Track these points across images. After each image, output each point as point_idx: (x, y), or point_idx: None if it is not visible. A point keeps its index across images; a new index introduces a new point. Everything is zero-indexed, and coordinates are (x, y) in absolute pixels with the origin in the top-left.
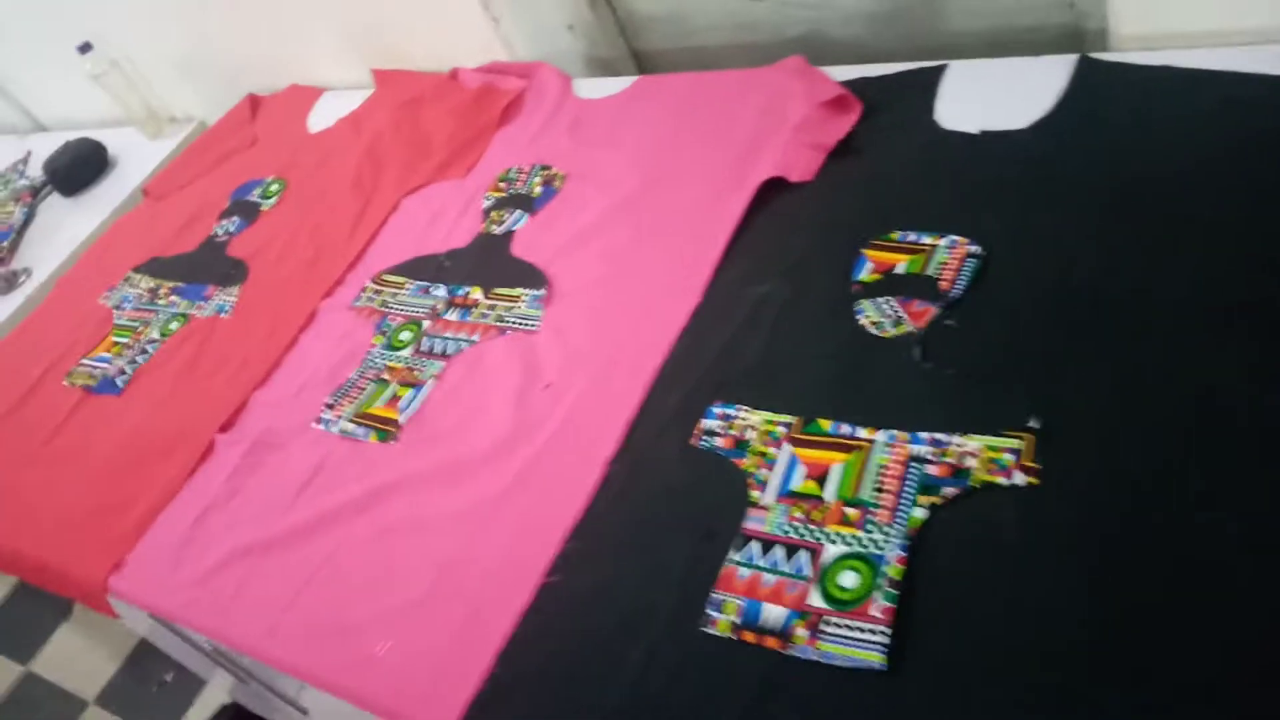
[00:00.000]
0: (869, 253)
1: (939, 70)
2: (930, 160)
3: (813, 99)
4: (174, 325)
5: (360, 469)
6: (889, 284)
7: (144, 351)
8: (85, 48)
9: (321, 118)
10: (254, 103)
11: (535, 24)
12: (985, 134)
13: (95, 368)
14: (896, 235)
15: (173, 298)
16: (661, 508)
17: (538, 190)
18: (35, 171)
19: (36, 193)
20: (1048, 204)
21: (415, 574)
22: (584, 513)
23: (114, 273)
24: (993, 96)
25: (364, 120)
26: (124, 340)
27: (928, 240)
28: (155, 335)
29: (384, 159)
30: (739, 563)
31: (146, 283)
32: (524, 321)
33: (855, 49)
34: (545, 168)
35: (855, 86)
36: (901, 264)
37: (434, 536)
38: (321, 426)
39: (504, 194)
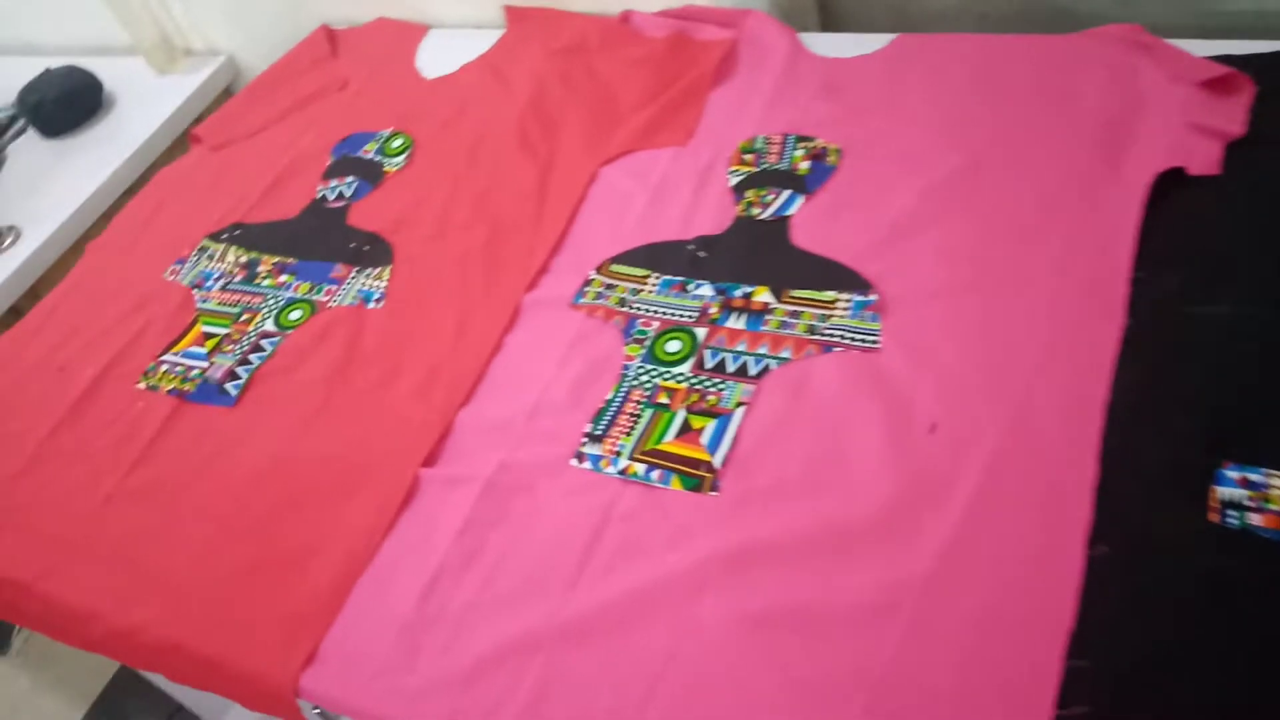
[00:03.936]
0: None
1: None
2: None
3: (1181, 76)
4: (295, 314)
5: (673, 528)
6: None
7: (258, 349)
8: None
9: (435, 61)
10: (330, 36)
11: None
12: None
13: (185, 366)
14: None
15: (283, 278)
16: (1210, 609)
17: (804, 166)
18: None
19: (4, 130)
20: None
21: (828, 694)
22: (1077, 615)
23: (175, 239)
24: None
25: (505, 68)
26: (220, 329)
27: None
28: (270, 327)
29: (557, 117)
30: None
31: (235, 254)
32: (855, 336)
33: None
34: (805, 139)
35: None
36: None
37: (835, 638)
38: (588, 465)
39: (754, 169)
